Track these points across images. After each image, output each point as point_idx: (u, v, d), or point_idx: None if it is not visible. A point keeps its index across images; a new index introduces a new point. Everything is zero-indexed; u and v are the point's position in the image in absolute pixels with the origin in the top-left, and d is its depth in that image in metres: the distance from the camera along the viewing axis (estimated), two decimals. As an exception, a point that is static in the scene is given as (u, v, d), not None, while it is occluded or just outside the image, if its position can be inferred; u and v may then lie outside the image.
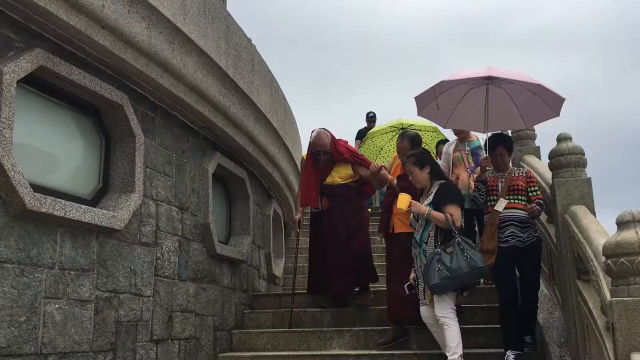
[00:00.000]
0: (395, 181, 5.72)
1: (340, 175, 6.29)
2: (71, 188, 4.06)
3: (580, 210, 4.61)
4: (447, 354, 4.53)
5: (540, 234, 5.19)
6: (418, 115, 5.86)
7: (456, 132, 6.73)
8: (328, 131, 6.28)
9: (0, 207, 3.27)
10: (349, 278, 6.07)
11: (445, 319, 4.53)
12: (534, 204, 5.03)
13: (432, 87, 5.21)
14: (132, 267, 4.36)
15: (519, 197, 5.05)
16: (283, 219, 9.04)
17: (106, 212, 4.05)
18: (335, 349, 5.61)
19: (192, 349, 5.17)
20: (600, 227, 4.25)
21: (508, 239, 4.90)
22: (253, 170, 7.02)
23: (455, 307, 4.61)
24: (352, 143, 8.64)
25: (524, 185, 5.11)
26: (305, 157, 6.57)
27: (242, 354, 5.68)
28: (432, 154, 7.74)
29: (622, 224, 3.16)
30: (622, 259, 3.02)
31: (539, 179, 5.99)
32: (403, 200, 4.74)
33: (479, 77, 5.14)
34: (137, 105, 4.59)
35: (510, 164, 5.43)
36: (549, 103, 5.27)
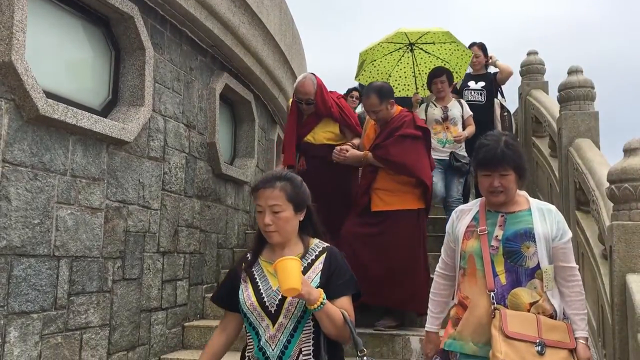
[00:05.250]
0: (369, 155, 4.56)
1: (322, 133, 5.09)
2: (81, 98, 4.07)
3: (585, 143, 4.66)
4: None
5: None
6: None
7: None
8: (316, 77, 5.11)
9: (13, 110, 3.30)
10: None
11: None
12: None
13: None
14: (141, 180, 4.43)
15: None
16: (286, 145, 9.07)
17: (116, 123, 4.08)
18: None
19: (197, 263, 5.31)
20: (603, 160, 4.31)
21: None
22: (259, 93, 7.00)
23: None
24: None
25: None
26: (290, 104, 5.38)
27: (244, 271, 5.84)
28: (455, 76, 6.30)
29: (629, 151, 3.21)
30: (626, 184, 3.09)
31: (545, 113, 6.01)
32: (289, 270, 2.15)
33: None
34: (147, 18, 4.53)
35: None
36: None
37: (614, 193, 3.20)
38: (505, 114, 6.72)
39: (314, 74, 5.19)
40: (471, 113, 5.98)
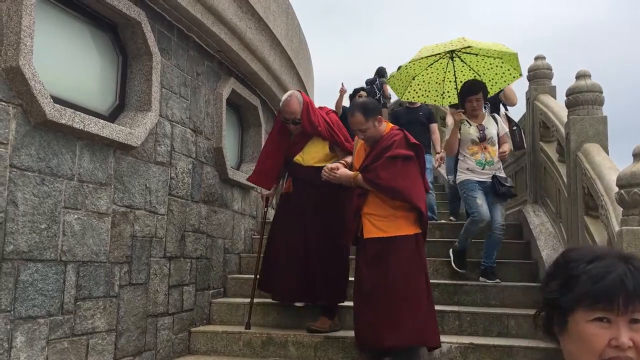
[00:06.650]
0: (359, 177, 4.25)
1: (312, 154, 4.90)
2: (88, 103, 4.08)
3: (594, 148, 4.63)
4: None
5: None
6: None
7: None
8: (302, 95, 4.91)
9: (21, 115, 3.30)
10: (295, 287, 4.83)
11: None
12: None
13: None
14: (148, 185, 4.43)
15: None
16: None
17: (123, 128, 4.09)
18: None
19: (203, 268, 5.31)
20: (612, 164, 4.28)
21: None
22: (266, 98, 7.01)
23: None
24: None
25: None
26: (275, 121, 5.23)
27: (250, 276, 5.83)
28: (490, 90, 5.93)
29: (638, 155, 3.18)
30: (636, 189, 3.07)
31: (553, 117, 5.98)
32: None
33: None
34: (154, 24, 4.55)
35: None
36: None
37: (623, 198, 3.17)
38: (515, 128, 6.52)
39: (299, 91, 4.99)
40: (507, 130, 5.77)
